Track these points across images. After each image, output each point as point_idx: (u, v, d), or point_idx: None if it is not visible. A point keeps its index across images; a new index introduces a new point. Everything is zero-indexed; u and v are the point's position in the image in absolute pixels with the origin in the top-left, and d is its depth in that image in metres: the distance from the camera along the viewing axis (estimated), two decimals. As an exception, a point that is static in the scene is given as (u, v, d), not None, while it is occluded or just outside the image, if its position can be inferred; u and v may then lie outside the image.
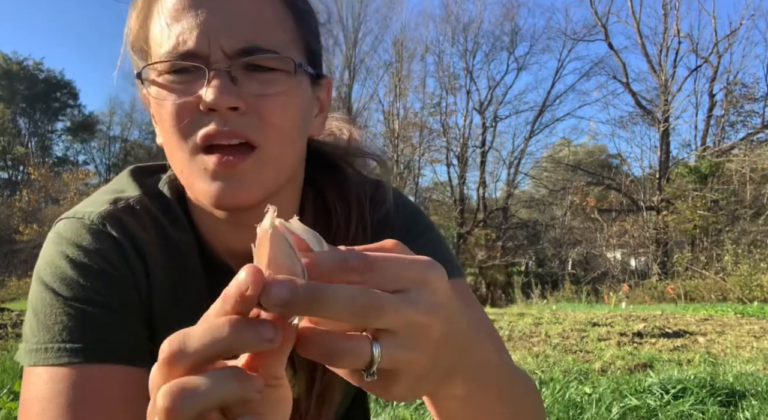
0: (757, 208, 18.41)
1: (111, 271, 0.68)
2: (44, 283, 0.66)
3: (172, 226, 0.73)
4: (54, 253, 0.68)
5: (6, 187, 28.87)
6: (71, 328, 0.64)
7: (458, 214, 22.47)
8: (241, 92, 0.63)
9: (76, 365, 0.62)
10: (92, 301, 0.65)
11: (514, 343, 5.34)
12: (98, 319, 0.65)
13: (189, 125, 0.64)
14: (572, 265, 21.34)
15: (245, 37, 0.63)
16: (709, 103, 20.61)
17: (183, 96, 0.64)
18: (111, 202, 0.71)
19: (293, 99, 0.67)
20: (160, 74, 0.65)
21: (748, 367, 4.18)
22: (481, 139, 23.37)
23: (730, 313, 8.49)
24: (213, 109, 0.62)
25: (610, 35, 21.74)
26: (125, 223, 0.70)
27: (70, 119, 31.85)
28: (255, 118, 0.64)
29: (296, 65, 0.66)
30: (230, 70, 0.63)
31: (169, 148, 0.67)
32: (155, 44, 0.66)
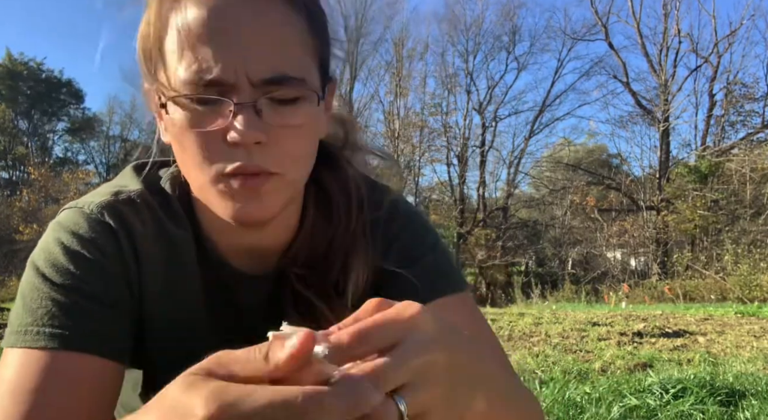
0: (757, 207, 18.41)
1: (104, 262, 0.68)
2: (36, 268, 0.67)
3: (170, 221, 0.73)
4: (50, 240, 0.69)
5: (6, 186, 28.87)
6: (54, 314, 0.64)
7: (458, 214, 22.47)
8: (265, 124, 0.63)
9: (52, 350, 0.62)
10: (80, 290, 0.66)
11: (514, 342, 5.34)
12: (83, 308, 0.65)
13: (214, 156, 0.64)
14: (572, 264, 21.34)
15: (272, 65, 0.62)
16: (709, 103, 20.63)
17: (207, 125, 0.63)
18: (112, 194, 0.72)
19: (312, 128, 0.69)
20: (186, 100, 0.64)
21: (748, 367, 4.18)
22: (481, 138, 23.39)
23: (730, 313, 8.49)
24: (239, 144, 0.62)
25: (610, 35, 21.76)
26: (123, 215, 0.70)
27: (69, 119, 31.84)
28: (276, 148, 0.65)
29: (319, 98, 0.67)
30: (255, 103, 0.62)
31: (188, 169, 0.68)
32: (173, 62, 0.64)
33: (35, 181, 25.36)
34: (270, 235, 0.76)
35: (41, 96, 30.37)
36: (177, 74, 0.63)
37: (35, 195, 24.80)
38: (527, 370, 4.09)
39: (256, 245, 0.76)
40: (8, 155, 29.26)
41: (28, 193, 25.10)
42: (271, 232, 0.75)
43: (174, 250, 0.73)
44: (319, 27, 0.69)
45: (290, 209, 0.77)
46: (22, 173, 29.90)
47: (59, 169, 28.62)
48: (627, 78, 21.48)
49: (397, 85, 22.91)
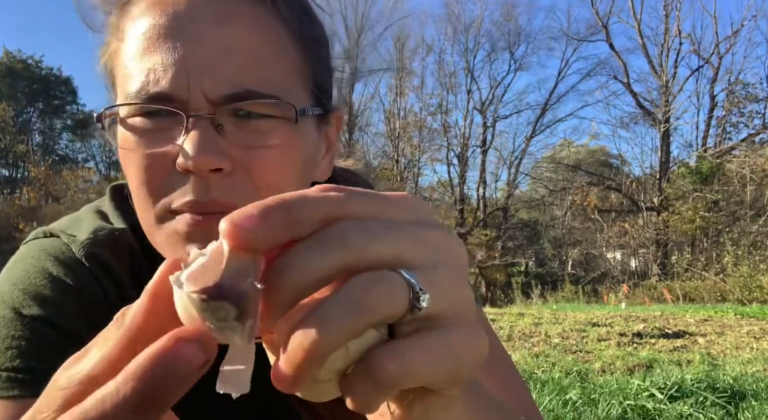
0: (757, 209, 18.40)
1: (92, 309, 0.57)
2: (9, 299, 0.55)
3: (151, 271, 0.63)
4: (29, 272, 0.57)
5: (6, 184, 28.87)
6: (27, 353, 0.53)
7: (458, 214, 22.48)
8: (228, 146, 0.51)
9: (26, 399, 0.51)
10: (63, 330, 0.55)
11: (514, 343, 5.34)
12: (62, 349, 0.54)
13: (160, 185, 0.52)
14: (572, 265, 21.34)
15: (234, 79, 0.50)
16: (710, 104, 20.63)
17: (155, 146, 0.51)
18: (92, 232, 0.60)
19: (293, 151, 0.54)
20: (128, 116, 0.53)
21: (748, 368, 4.18)
22: (481, 138, 23.38)
23: (730, 314, 8.48)
24: (190, 170, 0.49)
25: (611, 36, 21.76)
26: (107, 263, 0.59)
27: (69, 117, 31.84)
28: (244, 178, 0.51)
29: (298, 112, 0.53)
30: (214, 118, 0.50)
31: (135, 200, 0.55)
32: (122, 75, 0.54)
33: (35, 179, 25.37)
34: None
35: (40, 93, 30.38)
36: (126, 89, 0.53)
37: (35, 193, 24.81)
38: (527, 370, 4.09)
39: None
40: (8, 153, 29.27)
41: (28, 191, 25.12)
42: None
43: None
44: (311, 42, 0.58)
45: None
46: (22, 171, 29.91)
47: (59, 167, 28.64)
48: (628, 79, 21.49)
49: (398, 85, 22.92)
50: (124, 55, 0.54)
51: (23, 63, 30.01)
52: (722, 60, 20.24)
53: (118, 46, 0.55)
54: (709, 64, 20.41)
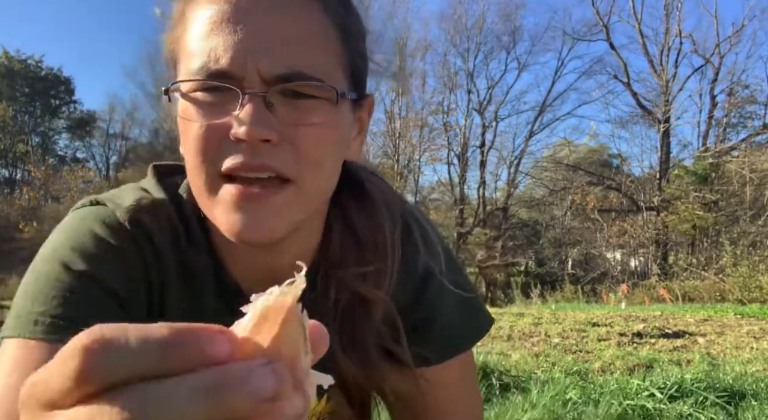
0: (756, 209, 18.41)
1: (132, 271, 0.63)
2: (57, 255, 0.61)
3: (187, 239, 0.68)
4: (77, 232, 0.63)
5: (6, 185, 28.87)
6: (70, 305, 0.58)
7: (458, 214, 22.48)
8: (277, 121, 0.57)
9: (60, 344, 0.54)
10: (105, 288, 0.60)
11: (514, 343, 5.34)
12: (104, 304, 0.60)
13: (214, 152, 0.58)
14: (572, 265, 21.34)
15: (286, 61, 0.57)
16: (711, 104, 20.63)
17: (212, 118, 0.58)
18: (136, 200, 0.66)
19: (333, 129, 0.61)
20: (190, 91, 0.59)
21: (748, 368, 4.18)
22: (481, 138, 23.40)
23: (730, 314, 8.49)
24: (243, 139, 0.56)
25: (611, 35, 21.76)
26: (146, 224, 0.65)
27: (69, 117, 31.83)
28: (289, 150, 0.58)
29: (339, 94, 0.60)
30: (266, 96, 0.57)
31: (189, 167, 0.61)
32: (186, 55, 0.60)
33: (35, 180, 25.37)
34: (286, 257, 0.67)
35: (40, 94, 30.38)
36: (189, 67, 0.59)
37: (35, 193, 24.80)
38: (527, 370, 4.09)
39: (272, 268, 0.68)
40: (9, 153, 29.26)
41: (28, 192, 25.11)
42: (287, 252, 0.67)
43: (189, 269, 0.68)
44: (351, 37, 0.64)
45: (311, 227, 0.69)
46: (22, 171, 29.90)
47: (59, 167, 28.64)
48: (628, 78, 21.49)
49: (398, 84, 22.92)
50: (188, 37, 0.60)
51: (23, 63, 29.99)
52: (723, 60, 20.26)
53: (183, 30, 0.61)
54: (709, 64, 20.42)
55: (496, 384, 3.55)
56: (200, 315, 0.65)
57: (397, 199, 0.77)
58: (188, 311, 0.66)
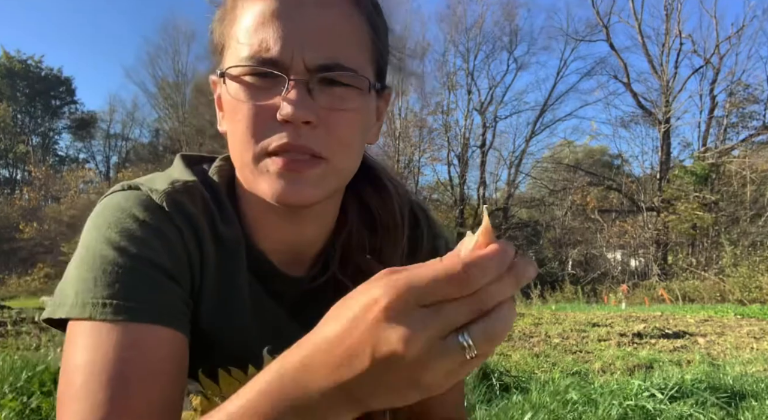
0: (756, 209, 18.41)
1: (175, 247, 0.68)
2: (108, 240, 0.65)
3: (220, 214, 0.74)
4: (121, 216, 0.67)
5: (7, 185, 28.88)
6: (131, 286, 0.63)
7: (458, 214, 22.47)
8: (315, 105, 0.65)
9: (132, 323, 0.61)
10: (157, 265, 0.65)
11: (514, 343, 5.34)
12: (159, 283, 0.65)
13: (262, 130, 0.66)
14: (572, 265, 21.34)
15: (327, 53, 0.65)
16: (711, 105, 20.62)
17: (260, 100, 0.66)
18: (170, 183, 0.71)
19: (361, 115, 0.69)
20: (241, 75, 0.67)
21: (748, 368, 4.18)
22: (481, 139, 23.39)
23: (730, 314, 8.49)
24: (288, 121, 0.64)
25: (611, 35, 21.77)
26: (183, 204, 0.70)
27: (69, 117, 31.84)
28: (324, 131, 0.66)
29: (370, 85, 0.69)
30: (308, 83, 0.65)
31: (235, 143, 0.69)
32: (236, 44, 0.68)
33: (36, 180, 25.38)
34: (310, 229, 0.76)
35: (41, 94, 30.38)
36: (240, 54, 0.66)
37: (35, 193, 24.82)
38: (527, 370, 4.09)
39: (296, 240, 0.76)
40: (9, 154, 29.28)
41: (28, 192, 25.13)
42: (311, 224, 0.76)
43: (223, 244, 0.73)
44: (379, 33, 0.72)
45: (330, 204, 0.77)
46: (22, 172, 29.91)
47: (59, 167, 28.65)
48: (628, 79, 21.51)
49: (398, 84, 22.92)
50: (238, 28, 0.68)
51: (23, 63, 30.00)
52: (723, 60, 20.26)
53: (233, 20, 0.69)
54: (709, 64, 20.43)
55: (496, 384, 3.55)
56: (234, 284, 0.73)
57: (405, 189, 0.86)
58: (224, 282, 0.72)
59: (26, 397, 2.74)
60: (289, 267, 0.77)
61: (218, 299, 0.72)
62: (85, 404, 0.58)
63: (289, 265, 0.77)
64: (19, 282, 18.18)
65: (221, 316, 0.72)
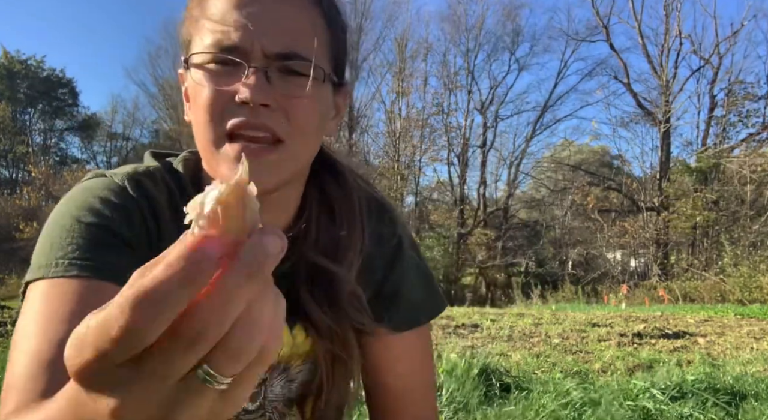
0: (757, 209, 18.40)
1: (132, 217, 0.73)
2: (68, 213, 0.70)
3: (182, 198, 0.77)
4: (84, 195, 0.73)
5: (7, 185, 28.86)
6: (86, 248, 0.67)
7: (458, 214, 22.47)
8: (274, 91, 0.69)
9: (83, 279, 0.65)
10: (113, 232, 0.70)
11: (514, 343, 5.34)
12: (113, 245, 0.69)
13: (221, 113, 0.69)
14: (572, 265, 21.34)
15: (285, 43, 0.69)
16: (710, 104, 20.62)
17: (221, 85, 0.69)
18: (133, 168, 0.78)
19: (316, 104, 0.73)
20: (204, 63, 0.71)
21: (749, 369, 4.18)
22: (482, 138, 23.39)
23: (730, 315, 8.49)
24: (246, 102, 0.67)
25: (611, 35, 21.75)
26: (145, 185, 0.76)
27: (70, 118, 31.82)
28: (282, 115, 0.70)
29: (324, 75, 0.73)
30: (267, 70, 0.69)
31: (198, 127, 0.73)
32: (201, 33, 0.71)
33: (36, 180, 25.37)
34: (270, 215, 0.78)
35: (42, 94, 30.36)
36: (203, 42, 0.71)
37: (36, 193, 24.81)
38: (527, 370, 4.09)
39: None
40: (9, 154, 29.26)
41: (28, 192, 25.12)
42: (273, 210, 0.79)
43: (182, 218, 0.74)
44: (336, 29, 0.76)
45: (290, 192, 0.80)
46: (22, 172, 29.90)
47: (60, 167, 28.63)
48: (628, 79, 21.49)
49: (399, 85, 22.91)
50: (204, 18, 0.71)
51: (23, 64, 29.97)
52: (722, 60, 20.25)
53: (201, 12, 0.72)
54: (709, 64, 20.42)
55: (496, 384, 3.55)
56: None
57: (366, 182, 0.91)
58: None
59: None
60: None
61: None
62: (30, 346, 0.60)
63: None
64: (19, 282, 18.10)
65: None
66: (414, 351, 0.90)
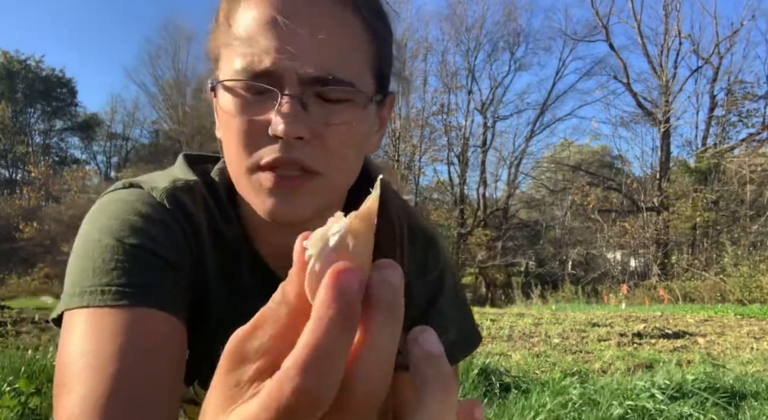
0: (757, 209, 18.40)
1: (176, 239, 0.67)
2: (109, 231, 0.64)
3: (221, 214, 0.73)
4: (122, 210, 0.67)
5: (7, 185, 28.86)
6: (132, 273, 0.62)
7: (458, 214, 22.47)
8: (310, 120, 0.63)
9: (133, 308, 0.60)
10: (158, 255, 0.65)
11: (514, 343, 5.34)
12: (161, 271, 0.64)
13: (254, 144, 0.64)
14: (572, 265, 21.34)
15: (323, 65, 0.62)
16: (710, 104, 20.63)
17: (253, 114, 0.64)
18: (171, 181, 0.71)
19: (357, 129, 0.67)
20: (234, 87, 0.65)
21: (749, 369, 4.18)
22: (482, 138, 23.39)
23: (730, 314, 8.49)
24: (280, 136, 0.62)
25: (611, 35, 21.75)
26: (184, 202, 0.70)
27: (70, 118, 31.82)
28: (318, 145, 0.64)
29: (367, 99, 0.66)
30: (302, 97, 0.63)
31: (229, 154, 0.68)
32: (230, 53, 0.65)
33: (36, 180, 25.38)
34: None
35: (41, 94, 30.36)
36: (233, 66, 0.64)
37: (36, 193, 24.81)
38: (527, 370, 4.09)
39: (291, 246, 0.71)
40: (8, 154, 29.26)
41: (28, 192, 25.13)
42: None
43: (224, 244, 0.73)
44: (379, 39, 0.69)
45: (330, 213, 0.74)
46: (22, 172, 29.90)
47: (60, 167, 28.64)
48: (628, 79, 21.49)
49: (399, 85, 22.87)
50: (232, 37, 0.65)
51: (22, 64, 29.97)
52: (722, 60, 20.25)
53: (228, 29, 0.66)
54: (708, 64, 20.42)
55: (496, 384, 3.55)
56: (235, 283, 0.73)
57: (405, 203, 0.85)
58: (226, 282, 0.72)
59: (25, 397, 2.74)
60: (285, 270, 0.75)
61: (220, 298, 0.71)
62: (82, 389, 0.56)
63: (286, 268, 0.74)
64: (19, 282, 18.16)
65: (224, 315, 0.71)
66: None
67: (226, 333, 0.66)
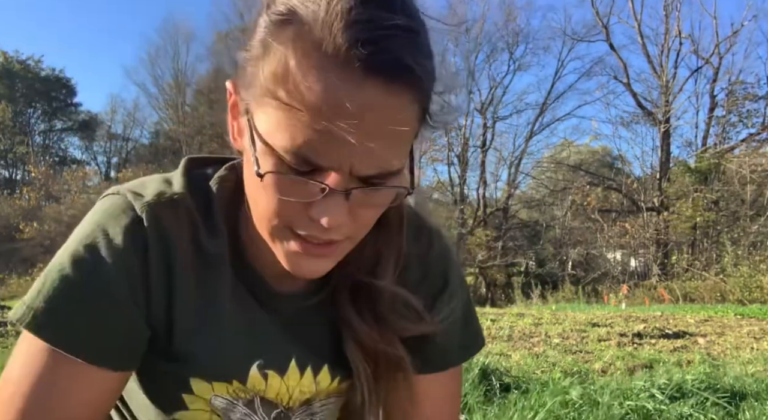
0: (757, 209, 18.40)
1: (134, 267, 0.67)
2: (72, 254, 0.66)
3: (207, 229, 0.71)
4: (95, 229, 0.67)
5: (6, 185, 28.86)
6: (74, 317, 0.65)
7: (459, 214, 22.48)
8: (350, 206, 0.60)
9: (53, 351, 0.64)
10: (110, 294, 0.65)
11: (514, 343, 5.34)
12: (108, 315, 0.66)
13: (289, 216, 0.61)
14: (572, 265, 21.33)
15: (379, 164, 0.57)
16: (710, 104, 20.63)
17: (293, 193, 0.59)
18: (156, 195, 0.70)
19: (389, 201, 0.64)
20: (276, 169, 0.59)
21: (749, 369, 4.18)
22: (482, 139, 23.40)
23: (730, 314, 8.49)
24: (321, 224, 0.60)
25: (611, 35, 21.75)
26: (162, 220, 0.68)
27: (70, 118, 31.82)
28: (351, 220, 0.61)
29: (409, 191, 0.63)
30: (348, 192, 0.58)
31: (257, 208, 0.64)
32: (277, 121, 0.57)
33: (36, 180, 25.38)
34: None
35: (41, 94, 30.37)
36: (281, 134, 0.56)
37: (36, 194, 24.81)
38: (527, 370, 4.09)
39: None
40: (8, 154, 29.27)
41: (28, 192, 25.13)
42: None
43: (206, 258, 0.71)
44: (428, 113, 0.62)
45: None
46: (22, 172, 29.91)
47: (60, 167, 28.64)
48: (628, 78, 21.48)
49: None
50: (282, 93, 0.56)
51: (22, 64, 29.97)
52: (722, 60, 20.25)
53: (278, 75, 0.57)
54: (709, 64, 20.42)
55: (496, 384, 3.55)
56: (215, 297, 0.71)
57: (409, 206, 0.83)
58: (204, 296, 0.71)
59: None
60: (282, 282, 0.75)
61: (195, 313, 0.70)
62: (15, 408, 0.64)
63: (283, 280, 0.74)
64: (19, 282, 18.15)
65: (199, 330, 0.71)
66: (444, 392, 0.85)
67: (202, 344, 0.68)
